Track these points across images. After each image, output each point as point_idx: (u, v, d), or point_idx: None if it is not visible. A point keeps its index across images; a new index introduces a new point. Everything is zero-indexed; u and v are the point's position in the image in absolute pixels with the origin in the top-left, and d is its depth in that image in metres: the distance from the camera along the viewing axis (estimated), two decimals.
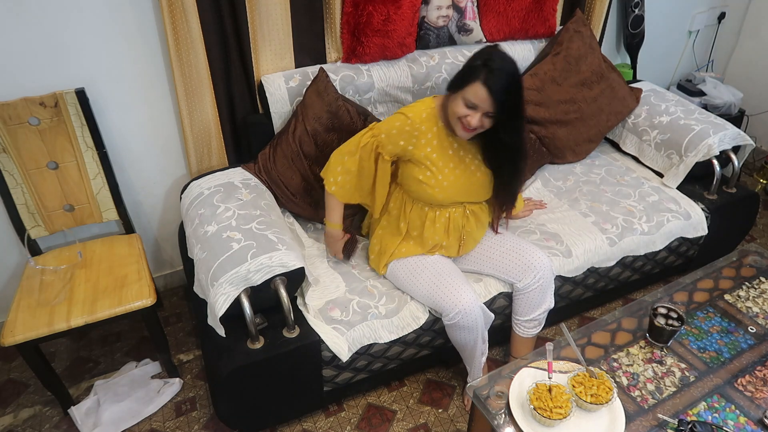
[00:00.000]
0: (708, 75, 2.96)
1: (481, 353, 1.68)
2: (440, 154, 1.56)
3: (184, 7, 1.64)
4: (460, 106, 1.43)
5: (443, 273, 1.63)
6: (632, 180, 2.23)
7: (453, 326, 1.59)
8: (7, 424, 1.78)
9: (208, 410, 1.82)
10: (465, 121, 1.43)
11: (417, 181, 1.59)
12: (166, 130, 1.95)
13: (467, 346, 1.65)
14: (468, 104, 1.41)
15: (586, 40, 2.29)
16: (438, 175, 1.57)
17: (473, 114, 1.42)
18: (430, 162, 1.56)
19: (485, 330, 1.64)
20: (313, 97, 1.85)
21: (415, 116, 1.53)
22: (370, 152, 1.59)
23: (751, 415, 1.26)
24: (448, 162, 1.58)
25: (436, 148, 1.56)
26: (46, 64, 1.65)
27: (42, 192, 1.76)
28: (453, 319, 1.56)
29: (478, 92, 1.38)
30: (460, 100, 1.43)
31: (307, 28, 1.91)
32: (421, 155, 1.56)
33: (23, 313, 1.59)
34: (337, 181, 1.65)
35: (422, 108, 1.56)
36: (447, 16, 2.06)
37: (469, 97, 1.40)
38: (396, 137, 1.54)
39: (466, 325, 1.57)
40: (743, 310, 1.56)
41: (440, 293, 1.59)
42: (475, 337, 1.61)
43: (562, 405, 1.19)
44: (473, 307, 1.55)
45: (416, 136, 1.54)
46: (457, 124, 1.47)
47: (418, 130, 1.53)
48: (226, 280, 1.44)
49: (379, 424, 1.78)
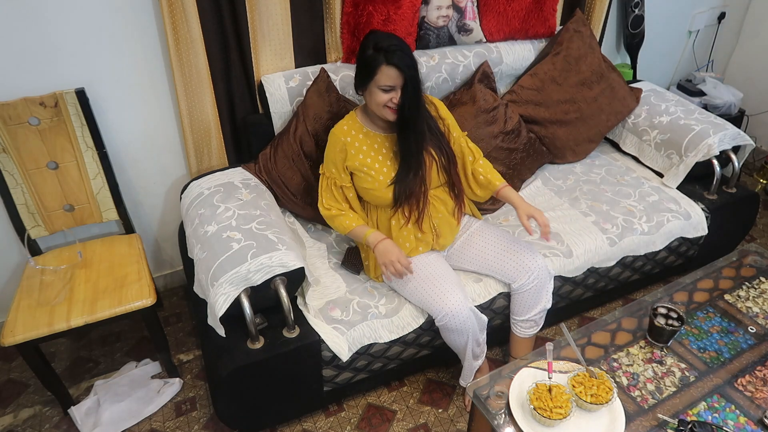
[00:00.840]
0: (708, 75, 2.96)
1: (473, 356, 1.67)
2: (372, 158, 1.63)
3: (184, 7, 1.64)
4: (380, 95, 1.50)
5: (432, 276, 1.63)
6: (632, 180, 2.23)
7: (443, 328, 1.60)
8: (7, 424, 1.78)
9: (208, 410, 1.82)
10: (390, 104, 1.51)
11: (365, 189, 1.65)
12: (166, 130, 1.95)
13: (458, 348, 1.66)
14: (384, 89, 1.49)
15: (586, 40, 2.29)
16: (379, 177, 1.62)
17: (394, 93, 1.50)
18: (367, 167, 1.62)
19: (479, 333, 1.64)
20: (314, 97, 1.85)
21: (337, 130, 1.64)
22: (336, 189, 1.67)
23: (751, 415, 1.26)
24: (384, 161, 1.63)
25: (366, 153, 1.63)
26: (47, 64, 1.65)
27: (42, 192, 1.76)
28: (441, 321, 1.57)
29: (389, 73, 1.47)
30: (376, 89, 1.50)
31: (307, 28, 1.91)
32: (356, 164, 1.62)
33: (23, 313, 1.59)
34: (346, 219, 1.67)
35: (343, 122, 1.66)
36: (447, 16, 2.06)
37: (383, 81, 1.48)
38: (335, 157, 1.64)
39: (455, 327, 1.57)
40: (743, 310, 1.56)
41: (429, 296, 1.59)
42: (465, 340, 1.61)
43: (562, 405, 1.19)
44: (461, 309, 1.55)
45: (344, 148, 1.62)
46: (385, 111, 1.53)
47: (343, 142, 1.62)
48: (226, 280, 1.44)
49: (379, 424, 1.78)
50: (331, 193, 1.68)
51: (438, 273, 1.64)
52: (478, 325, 1.62)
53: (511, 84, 2.33)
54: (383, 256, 1.58)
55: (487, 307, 1.76)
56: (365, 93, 1.55)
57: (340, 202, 1.68)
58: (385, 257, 1.57)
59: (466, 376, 1.75)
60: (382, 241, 1.60)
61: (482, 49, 2.16)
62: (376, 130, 1.64)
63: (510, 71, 2.27)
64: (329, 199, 1.68)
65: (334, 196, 1.68)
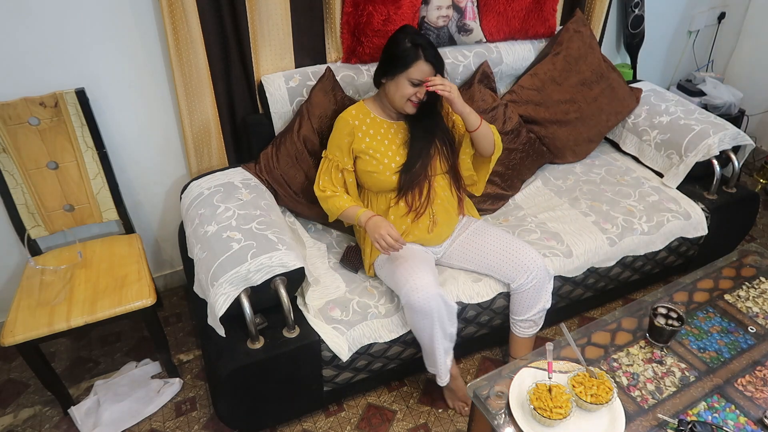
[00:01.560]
0: (708, 75, 2.96)
1: (443, 350, 1.60)
2: (379, 141, 1.67)
3: (184, 7, 1.64)
4: (407, 87, 1.58)
5: (410, 258, 1.62)
6: (632, 180, 2.23)
7: (407, 307, 1.54)
8: (7, 424, 1.78)
9: (208, 410, 1.82)
10: (414, 98, 1.59)
11: (368, 173, 1.69)
12: (166, 130, 1.95)
13: (424, 336, 1.58)
14: (414, 82, 1.57)
15: (586, 40, 2.29)
16: (384, 160, 1.67)
17: (420, 89, 1.58)
18: (373, 150, 1.67)
19: (448, 324, 1.58)
20: (319, 95, 1.86)
21: (346, 114, 1.70)
22: (335, 173, 1.71)
23: (751, 415, 1.26)
24: (390, 146, 1.68)
25: (373, 137, 1.67)
26: (46, 64, 1.65)
27: (42, 192, 1.76)
28: (405, 296, 1.52)
29: (423, 69, 1.55)
30: (405, 82, 1.57)
31: (307, 28, 1.91)
32: (362, 147, 1.67)
33: (23, 313, 1.59)
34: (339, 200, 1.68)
35: (351, 108, 1.72)
36: (447, 16, 2.06)
37: (416, 75, 1.55)
38: (341, 140, 1.68)
39: (419, 306, 1.51)
40: (743, 310, 1.56)
41: (400, 273, 1.58)
42: (431, 324, 1.54)
43: (562, 405, 1.19)
44: (427, 286, 1.51)
45: (352, 131, 1.67)
46: (407, 104, 1.61)
47: (351, 125, 1.67)
48: (226, 280, 1.44)
49: (379, 424, 1.78)
50: (330, 175, 1.71)
51: (416, 258, 1.63)
52: (447, 313, 1.56)
53: (511, 84, 2.33)
54: (373, 231, 1.55)
55: (487, 307, 1.77)
56: (389, 83, 1.61)
57: (336, 185, 1.71)
58: (375, 231, 1.54)
59: (442, 374, 1.67)
60: (373, 217, 1.59)
61: (482, 49, 2.16)
62: (384, 117, 1.70)
63: (510, 71, 2.27)
64: (326, 182, 1.72)
65: (331, 179, 1.71)
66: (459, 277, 1.76)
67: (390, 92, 1.62)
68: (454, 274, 1.78)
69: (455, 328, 1.64)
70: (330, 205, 1.70)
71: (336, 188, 1.71)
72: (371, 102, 1.73)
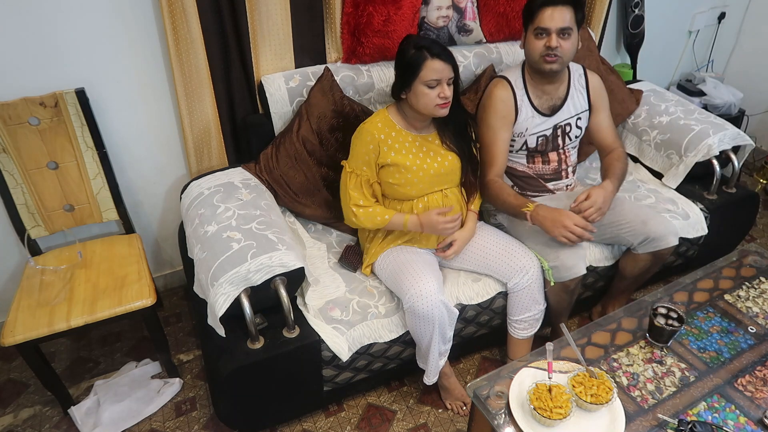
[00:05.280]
0: (708, 75, 2.96)
1: (438, 353, 1.63)
2: (404, 155, 1.64)
3: (184, 7, 1.64)
4: (427, 92, 1.54)
5: (413, 261, 1.64)
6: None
7: (409, 312, 1.56)
8: (7, 424, 1.78)
9: (208, 410, 1.82)
10: (439, 99, 1.55)
11: (389, 184, 1.68)
12: (166, 130, 1.95)
13: (423, 340, 1.59)
14: (431, 85, 1.53)
15: (584, 43, 2.28)
16: (407, 174, 1.65)
17: (441, 89, 1.54)
18: (398, 164, 1.64)
19: (448, 328, 1.61)
20: (318, 96, 1.86)
21: (371, 127, 1.64)
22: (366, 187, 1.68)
23: (751, 415, 1.26)
24: (415, 160, 1.65)
25: (398, 151, 1.64)
26: (46, 64, 1.65)
27: (42, 192, 1.76)
28: (409, 301, 1.54)
29: (435, 67, 1.52)
30: (423, 87, 1.54)
31: (307, 28, 1.91)
32: (387, 161, 1.64)
33: (23, 313, 1.59)
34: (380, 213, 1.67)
35: (376, 119, 1.67)
36: (447, 17, 2.06)
37: (429, 76, 1.52)
38: (367, 154, 1.64)
39: (422, 312, 1.53)
40: (743, 310, 1.56)
41: (404, 277, 1.59)
42: (431, 330, 1.56)
43: (562, 405, 1.19)
44: (431, 293, 1.53)
45: (378, 146, 1.63)
46: (435, 108, 1.57)
47: (377, 139, 1.62)
48: (226, 280, 1.44)
49: (379, 424, 1.78)
50: (361, 190, 1.67)
51: (418, 260, 1.65)
52: (448, 318, 1.59)
53: None
54: (433, 228, 1.64)
55: (486, 306, 1.77)
56: (409, 95, 1.59)
57: (369, 198, 1.69)
58: (434, 228, 1.64)
59: (431, 374, 1.70)
60: (422, 216, 1.65)
61: (482, 50, 2.16)
62: (408, 129, 1.67)
63: None
64: (359, 196, 1.67)
65: (364, 193, 1.67)
66: (459, 278, 1.76)
67: (413, 103, 1.59)
68: (453, 274, 1.78)
69: (452, 332, 1.65)
70: (371, 217, 1.67)
71: (370, 200, 1.69)
72: (395, 112, 1.68)
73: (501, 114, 1.79)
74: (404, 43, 1.60)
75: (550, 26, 1.64)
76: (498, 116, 1.79)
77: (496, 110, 1.79)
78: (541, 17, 1.65)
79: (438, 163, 1.68)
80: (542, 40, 1.67)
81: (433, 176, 1.67)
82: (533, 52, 1.71)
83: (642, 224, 1.77)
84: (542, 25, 1.65)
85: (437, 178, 1.69)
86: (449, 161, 1.70)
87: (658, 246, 1.77)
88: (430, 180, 1.68)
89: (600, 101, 1.89)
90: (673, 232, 1.79)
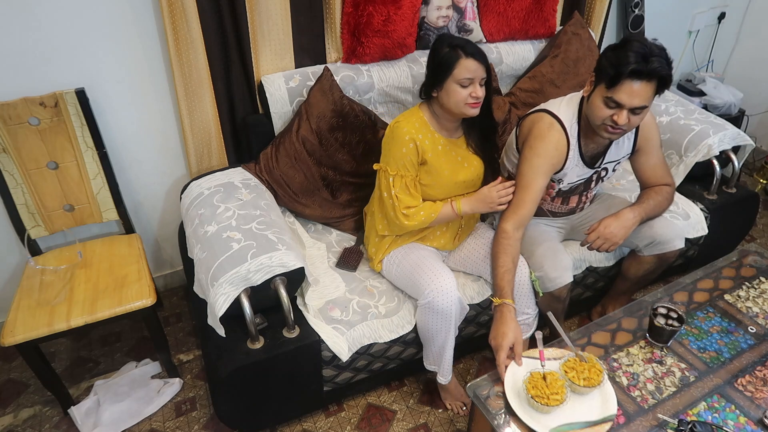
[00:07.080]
0: (708, 75, 2.96)
1: (450, 347, 1.65)
2: (436, 158, 1.62)
3: (184, 7, 1.64)
4: (459, 91, 1.50)
5: (427, 257, 1.66)
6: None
7: (427, 308, 1.56)
8: (7, 424, 1.78)
9: (208, 410, 1.82)
10: (471, 98, 1.51)
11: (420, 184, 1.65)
12: (166, 130, 1.95)
13: (438, 336, 1.60)
14: (464, 84, 1.50)
15: (585, 42, 2.29)
16: (438, 177, 1.63)
17: (473, 88, 1.51)
18: (429, 165, 1.61)
19: (458, 323, 1.64)
20: (317, 95, 1.86)
21: (410, 127, 1.58)
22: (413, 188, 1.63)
23: (751, 415, 1.26)
24: (445, 164, 1.63)
25: (434, 153, 1.62)
26: (47, 64, 1.65)
27: (42, 192, 1.76)
28: (428, 297, 1.55)
29: (468, 66, 1.49)
30: (455, 86, 1.50)
31: (307, 28, 1.91)
32: (425, 159, 1.61)
33: (23, 313, 1.59)
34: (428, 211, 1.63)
35: (413, 120, 1.61)
36: (447, 17, 2.06)
37: (462, 75, 1.49)
38: (408, 155, 1.58)
39: (440, 307, 1.54)
40: (743, 310, 1.56)
41: (421, 272, 1.60)
42: (447, 327, 1.58)
43: (557, 391, 1.22)
44: (450, 289, 1.55)
45: (416, 147, 1.58)
46: (466, 108, 1.53)
47: (416, 139, 1.58)
48: (226, 280, 1.44)
49: (379, 424, 1.78)
50: (408, 192, 1.61)
51: (435, 258, 1.67)
52: (461, 315, 1.63)
53: (511, 84, 2.33)
54: (484, 204, 1.63)
55: (486, 306, 1.77)
56: (440, 93, 1.54)
57: (417, 198, 1.64)
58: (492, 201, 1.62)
59: (445, 372, 1.70)
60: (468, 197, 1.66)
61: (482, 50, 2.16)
62: (440, 132, 1.63)
63: (510, 72, 2.27)
64: (408, 199, 1.61)
65: (412, 194, 1.62)
66: (458, 278, 1.76)
67: (444, 102, 1.54)
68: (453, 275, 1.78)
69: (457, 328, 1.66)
70: (422, 219, 1.62)
71: (417, 200, 1.64)
72: (428, 112, 1.62)
73: (551, 161, 1.60)
74: (437, 41, 1.56)
75: (625, 103, 1.41)
76: (547, 162, 1.59)
77: (547, 155, 1.59)
78: (620, 90, 1.40)
79: (465, 169, 1.66)
80: (611, 110, 1.45)
81: (461, 182, 1.66)
82: (596, 115, 1.48)
83: (648, 227, 1.76)
84: (618, 99, 1.41)
85: (464, 184, 1.68)
86: (475, 167, 1.68)
87: (664, 249, 1.77)
88: (457, 185, 1.67)
89: (648, 144, 1.69)
90: (680, 236, 1.78)
